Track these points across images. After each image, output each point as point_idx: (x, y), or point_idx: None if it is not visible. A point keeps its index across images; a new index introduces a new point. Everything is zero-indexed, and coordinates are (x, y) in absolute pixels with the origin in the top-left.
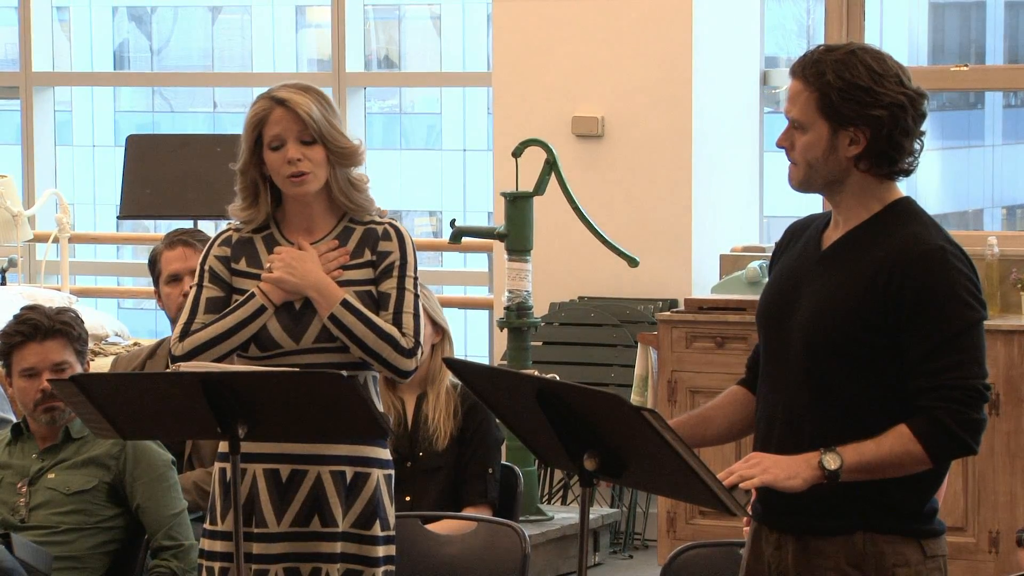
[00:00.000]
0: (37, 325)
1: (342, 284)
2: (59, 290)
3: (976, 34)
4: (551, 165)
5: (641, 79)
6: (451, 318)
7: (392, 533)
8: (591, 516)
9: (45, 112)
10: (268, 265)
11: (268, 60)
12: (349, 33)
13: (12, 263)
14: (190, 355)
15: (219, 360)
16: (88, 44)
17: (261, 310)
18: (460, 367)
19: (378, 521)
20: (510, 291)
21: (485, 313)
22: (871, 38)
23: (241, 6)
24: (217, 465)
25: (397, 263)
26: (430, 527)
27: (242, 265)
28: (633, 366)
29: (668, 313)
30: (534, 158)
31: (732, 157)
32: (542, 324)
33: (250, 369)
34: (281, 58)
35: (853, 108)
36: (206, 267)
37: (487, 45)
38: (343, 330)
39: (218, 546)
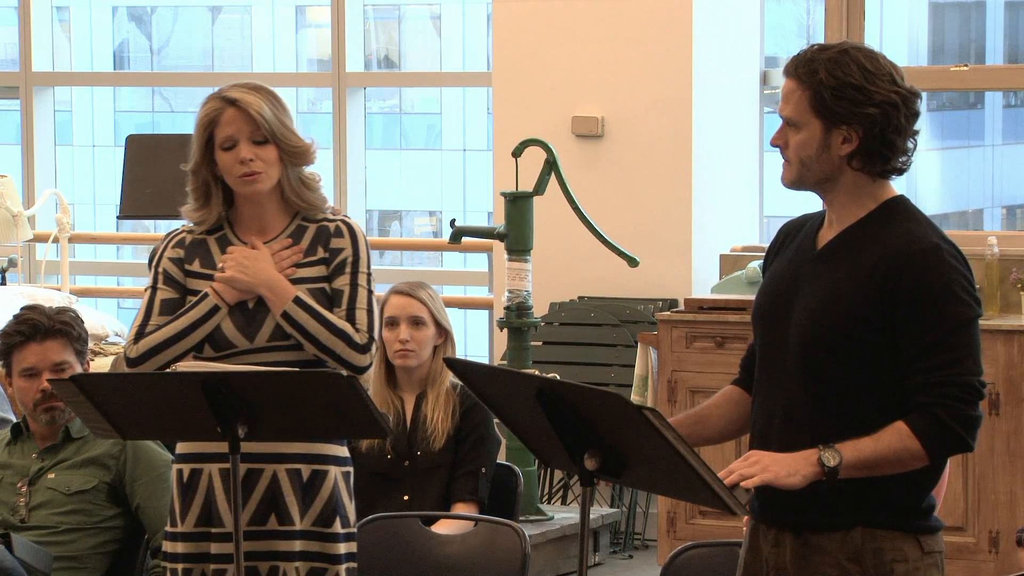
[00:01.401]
0: (37, 325)
1: (295, 282)
2: (59, 290)
3: (976, 34)
4: (551, 165)
5: (641, 79)
6: (451, 318)
7: (353, 530)
8: (591, 516)
9: (45, 112)
10: (221, 265)
11: (268, 60)
12: (349, 33)
13: (12, 263)
14: (144, 356)
15: (175, 361)
16: (88, 44)
17: (215, 310)
18: (460, 367)
19: (338, 518)
20: (510, 291)
21: (485, 313)
22: (871, 38)
23: (241, 6)
24: (174, 467)
25: (350, 259)
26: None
27: (196, 266)
28: (633, 366)
29: (668, 313)
30: (534, 158)
31: (732, 157)
32: (542, 324)
33: (250, 369)
34: (281, 58)
35: (846, 106)
36: (160, 269)
37: (487, 45)
38: (296, 327)
39: (179, 547)
